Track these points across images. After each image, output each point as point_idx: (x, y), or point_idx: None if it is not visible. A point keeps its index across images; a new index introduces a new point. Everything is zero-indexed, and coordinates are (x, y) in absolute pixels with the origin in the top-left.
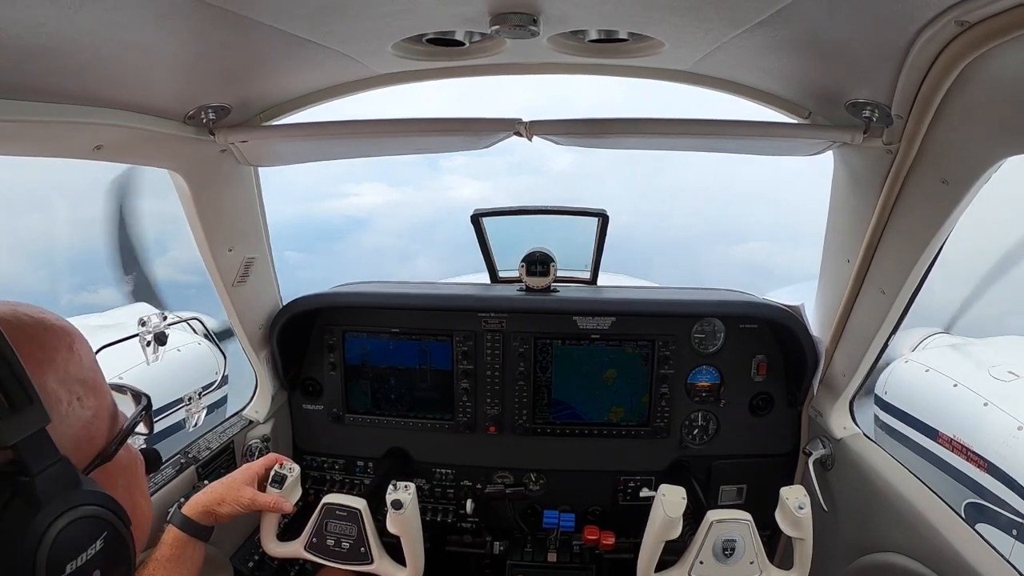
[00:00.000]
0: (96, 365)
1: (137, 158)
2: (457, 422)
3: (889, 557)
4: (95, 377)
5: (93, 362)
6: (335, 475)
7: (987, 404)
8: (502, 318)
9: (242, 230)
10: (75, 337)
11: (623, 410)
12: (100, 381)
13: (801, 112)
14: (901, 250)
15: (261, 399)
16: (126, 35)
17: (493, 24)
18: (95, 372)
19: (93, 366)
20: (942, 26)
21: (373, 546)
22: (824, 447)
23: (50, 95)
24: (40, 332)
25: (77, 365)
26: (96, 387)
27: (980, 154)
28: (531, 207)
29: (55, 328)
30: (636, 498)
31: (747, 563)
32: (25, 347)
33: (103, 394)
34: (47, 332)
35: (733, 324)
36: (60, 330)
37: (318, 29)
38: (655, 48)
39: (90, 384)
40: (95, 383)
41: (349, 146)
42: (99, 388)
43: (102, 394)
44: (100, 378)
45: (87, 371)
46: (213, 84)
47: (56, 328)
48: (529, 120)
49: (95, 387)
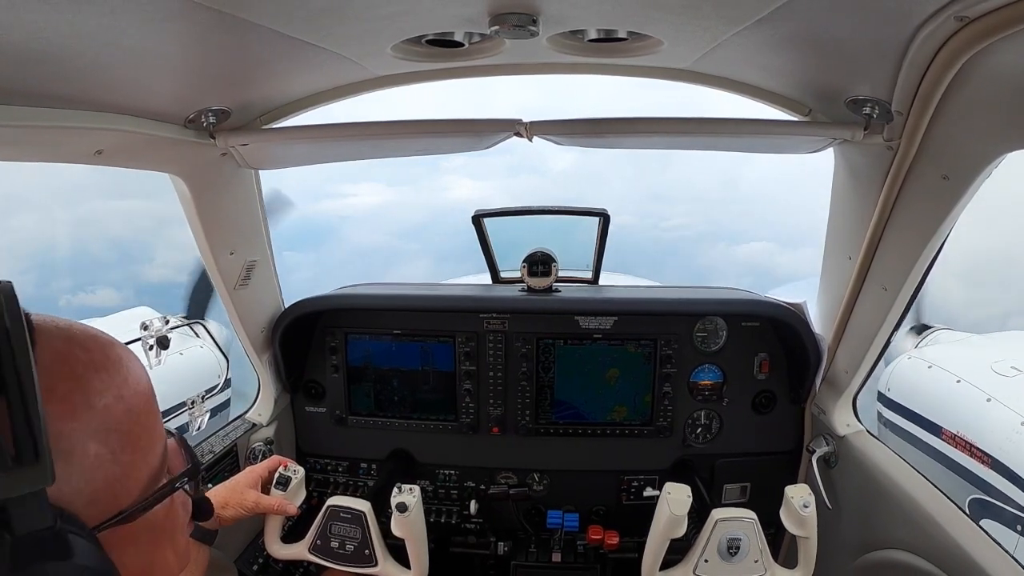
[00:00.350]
0: (150, 416)
1: (138, 162)
2: (460, 423)
3: (893, 554)
4: (142, 431)
5: (146, 413)
6: (339, 477)
7: (990, 400)
8: (504, 319)
9: (243, 233)
10: (131, 382)
11: (626, 409)
12: (148, 435)
13: (801, 109)
14: (902, 247)
15: (264, 402)
16: (126, 40)
17: (492, 25)
18: (145, 424)
19: (144, 418)
20: (942, 22)
21: (377, 548)
22: (827, 444)
23: (50, 100)
24: (88, 372)
25: (122, 415)
26: (139, 441)
27: (981, 150)
28: (532, 207)
29: (109, 368)
30: (640, 497)
31: (752, 561)
32: (64, 385)
33: (147, 450)
34: (97, 373)
35: (735, 322)
36: (114, 371)
37: (317, 31)
38: (654, 47)
39: (132, 438)
40: (139, 437)
41: (350, 148)
42: (143, 443)
43: (145, 450)
44: (150, 431)
45: (133, 423)
46: (213, 88)
47: (110, 368)
48: (529, 121)
49: (137, 441)
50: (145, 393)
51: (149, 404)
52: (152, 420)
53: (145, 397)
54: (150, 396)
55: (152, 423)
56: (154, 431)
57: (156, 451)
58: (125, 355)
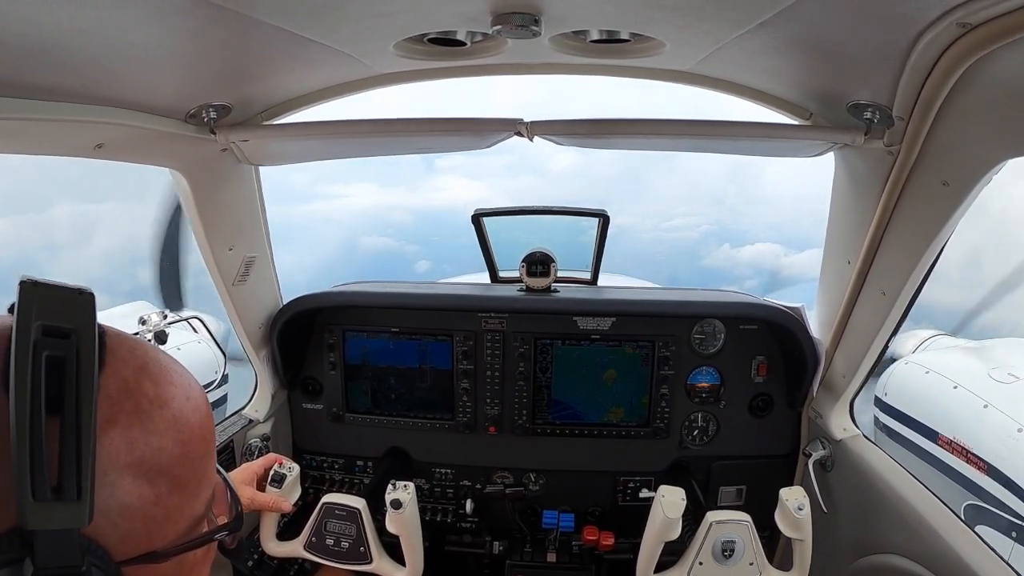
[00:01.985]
0: (204, 460)
1: (138, 157)
2: (457, 422)
3: (889, 559)
4: (192, 476)
5: (202, 457)
6: (335, 474)
7: (987, 406)
8: (502, 318)
9: (243, 229)
10: (193, 424)
11: (623, 410)
12: (198, 480)
13: (802, 113)
14: (902, 251)
15: (261, 398)
16: (127, 33)
17: (495, 24)
18: (197, 469)
19: (197, 463)
20: (944, 28)
21: (372, 546)
22: (824, 448)
23: (51, 93)
24: (152, 409)
25: (176, 458)
26: (187, 486)
27: (981, 156)
28: (531, 207)
29: (173, 407)
30: (636, 499)
31: (746, 564)
32: (125, 418)
33: (193, 496)
34: (161, 411)
35: (733, 325)
36: (179, 412)
37: (320, 28)
38: (657, 49)
39: (181, 482)
40: (188, 482)
41: (350, 145)
42: (191, 488)
43: (192, 496)
44: (200, 476)
45: (185, 467)
46: (214, 83)
47: (175, 408)
48: (530, 120)
49: (186, 486)
50: (204, 437)
51: (206, 448)
52: (205, 465)
53: (204, 441)
54: (209, 440)
55: (205, 468)
56: (204, 476)
57: (203, 497)
58: (195, 392)
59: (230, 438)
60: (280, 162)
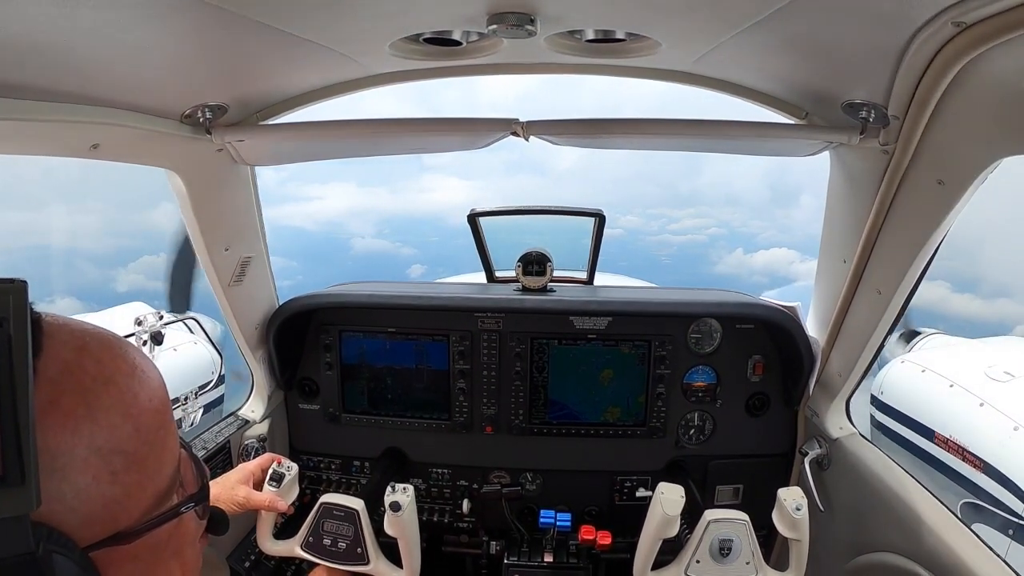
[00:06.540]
0: (160, 433)
1: (134, 157)
2: (454, 422)
3: (885, 557)
4: (150, 451)
5: (156, 430)
6: (331, 475)
7: (983, 404)
8: (499, 318)
9: (239, 229)
10: (143, 397)
11: (619, 410)
12: (157, 455)
13: (798, 113)
14: (897, 250)
15: (257, 399)
16: (123, 34)
17: (490, 24)
18: (154, 443)
19: (152, 436)
20: (939, 27)
21: (370, 546)
22: (820, 447)
23: (46, 94)
24: (96, 386)
25: (128, 434)
26: (145, 461)
27: (976, 155)
28: (527, 207)
29: (119, 382)
30: (632, 498)
31: (743, 563)
32: (68, 399)
33: (154, 470)
34: (106, 387)
35: (729, 324)
36: (125, 386)
37: (315, 28)
38: (652, 48)
39: (138, 458)
40: (145, 457)
41: (345, 146)
42: (150, 463)
43: (152, 470)
44: (159, 450)
45: (140, 442)
46: (210, 83)
47: (121, 383)
48: (526, 120)
49: (143, 462)
50: (157, 409)
51: (161, 420)
52: (162, 437)
53: (157, 414)
54: (163, 412)
55: (162, 440)
56: (164, 450)
57: (164, 471)
58: (141, 366)
59: (227, 439)
60: (276, 162)
